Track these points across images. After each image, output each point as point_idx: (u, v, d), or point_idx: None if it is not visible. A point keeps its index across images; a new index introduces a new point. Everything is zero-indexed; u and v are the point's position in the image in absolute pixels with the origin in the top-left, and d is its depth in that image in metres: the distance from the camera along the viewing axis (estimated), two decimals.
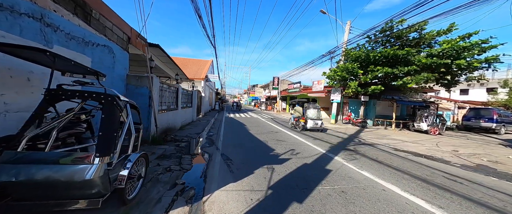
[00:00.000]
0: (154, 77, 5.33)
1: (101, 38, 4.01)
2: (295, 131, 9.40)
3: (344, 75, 11.86)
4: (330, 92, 14.90)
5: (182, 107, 9.24)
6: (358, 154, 5.45)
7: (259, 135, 7.83)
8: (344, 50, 12.83)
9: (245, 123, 12.33)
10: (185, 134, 7.40)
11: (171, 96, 7.44)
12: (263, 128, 10.03)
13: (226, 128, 9.49)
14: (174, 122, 7.61)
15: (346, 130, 11.09)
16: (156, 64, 8.01)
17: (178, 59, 22.78)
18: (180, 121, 8.54)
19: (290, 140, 7.15)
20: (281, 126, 11.16)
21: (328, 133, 9.34)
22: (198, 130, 8.51)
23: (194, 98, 11.72)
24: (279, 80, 27.76)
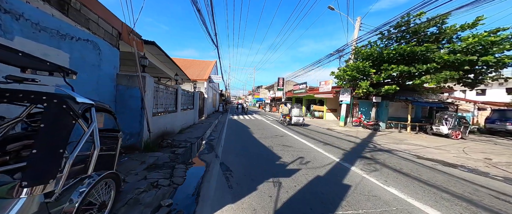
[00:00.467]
0: (148, 77, 4.82)
1: (83, 31, 3.53)
2: (301, 135, 8.73)
3: (355, 75, 11.09)
4: (339, 93, 14.11)
5: (182, 109, 8.75)
6: (378, 164, 4.74)
7: (264, 140, 7.20)
8: (354, 49, 12.06)
9: (249, 125, 11.74)
10: (184, 138, 6.88)
11: (170, 98, 6.95)
12: (267, 131, 9.41)
13: (229, 131, 8.92)
14: (172, 125, 7.11)
15: (357, 133, 10.30)
16: (154, 64, 7.57)
17: (181, 60, 22.54)
18: (179, 124, 8.05)
19: (297, 145, 6.49)
20: (287, 129, 10.49)
21: (339, 137, 8.60)
22: (198, 133, 7.98)
23: (196, 100, 11.24)
24: (284, 81, 27.07)
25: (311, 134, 9.09)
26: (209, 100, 19.10)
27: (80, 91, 3.61)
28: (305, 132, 9.85)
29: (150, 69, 8.75)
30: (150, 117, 4.93)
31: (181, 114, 8.36)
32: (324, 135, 9.21)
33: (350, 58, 12.64)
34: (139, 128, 4.66)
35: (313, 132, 9.85)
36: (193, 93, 11.06)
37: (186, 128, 9.06)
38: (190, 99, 10.54)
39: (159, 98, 5.88)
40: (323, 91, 16.10)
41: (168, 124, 6.66)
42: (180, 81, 12.13)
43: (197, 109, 11.50)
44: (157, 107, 5.75)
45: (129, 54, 5.46)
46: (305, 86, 20.53)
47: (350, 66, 11.21)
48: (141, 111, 4.66)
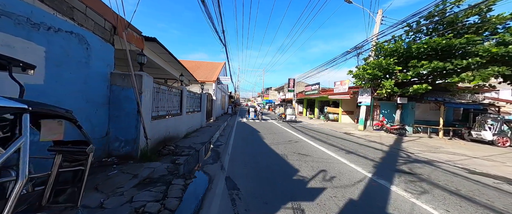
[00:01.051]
0: (145, 76, 4.26)
1: (66, 22, 3.00)
2: (317, 140, 7.79)
3: (376, 74, 9.96)
4: (357, 94, 12.94)
5: (188, 112, 8.21)
6: (423, 181, 3.76)
7: (276, 146, 6.40)
8: (375, 44, 10.92)
9: (259, 128, 10.98)
10: (189, 143, 6.28)
11: (174, 100, 6.40)
12: (279, 136, 8.58)
13: (237, 136, 8.22)
14: (177, 129, 6.55)
15: (380, 138, 9.15)
16: (158, 64, 7.11)
17: (188, 62, 22.41)
18: (185, 128, 7.49)
19: (316, 153, 5.61)
20: (301, 133, 9.59)
21: (361, 144, 7.56)
22: (204, 138, 7.36)
23: (204, 102, 10.72)
24: (295, 82, 26.06)
25: (328, 140, 8.14)
26: (218, 102, 18.64)
27: (61, 92, 3.08)
28: (322, 137, 8.90)
29: (154, 70, 8.34)
30: (147, 121, 4.35)
31: (187, 117, 7.81)
32: (343, 140, 8.20)
33: (370, 55, 11.49)
34: (135, 134, 4.09)
35: (330, 137, 8.87)
36: (200, 95, 10.54)
37: (192, 132, 8.50)
38: (197, 101, 10.02)
39: (160, 100, 5.32)
40: (338, 92, 14.97)
41: (172, 128, 6.10)
42: (187, 83, 11.71)
43: (205, 111, 10.97)
44: (158, 109, 5.19)
45: (132, 53, 4.94)
46: (317, 87, 19.43)
47: (371, 64, 10.09)
48: (137, 114, 4.08)
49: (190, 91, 8.55)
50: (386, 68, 9.69)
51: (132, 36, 4.81)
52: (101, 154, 3.87)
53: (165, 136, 5.62)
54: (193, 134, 8.04)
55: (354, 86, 13.71)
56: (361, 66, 10.84)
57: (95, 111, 3.68)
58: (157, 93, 5.08)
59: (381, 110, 12.61)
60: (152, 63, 7.09)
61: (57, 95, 2.91)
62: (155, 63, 6.92)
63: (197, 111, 9.91)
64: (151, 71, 8.67)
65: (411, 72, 8.94)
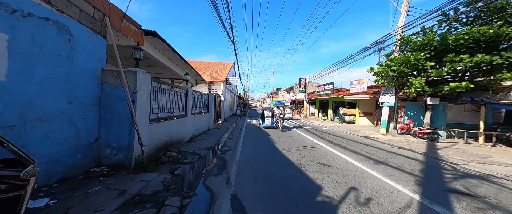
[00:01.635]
0: (141, 74, 3.70)
1: (39, 6, 2.48)
2: (336, 146, 6.88)
3: (403, 70, 8.81)
4: (377, 94, 11.76)
5: (194, 113, 7.67)
6: (494, 208, 2.80)
7: (290, 153, 5.62)
8: (400, 38, 9.75)
9: (270, 131, 10.22)
10: (193, 148, 5.69)
11: (177, 101, 5.86)
12: (293, 140, 7.77)
13: (246, 140, 7.53)
14: (180, 132, 6.00)
15: (409, 144, 8.01)
16: (162, 63, 6.63)
17: (198, 63, 22.20)
18: (190, 130, 6.94)
19: (339, 163, 4.76)
20: (317, 137, 8.69)
21: (389, 150, 6.54)
22: (211, 142, 6.75)
23: (211, 103, 10.18)
24: (306, 82, 24.97)
25: (349, 145, 7.19)
26: (227, 103, 18.15)
27: (34, 91, 2.35)
28: (340, 142, 7.95)
29: (159, 69, 7.92)
30: (143, 124, 3.79)
31: (192, 119, 7.27)
32: (366, 146, 7.21)
33: (394, 51, 10.31)
34: (129, 140, 3.53)
35: (350, 142, 7.90)
36: (208, 96, 10.01)
37: (199, 135, 7.95)
38: (204, 102, 9.50)
39: (161, 101, 4.77)
40: (355, 92, 13.80)
41: (175, 132, 5.55)
42: (194, 83, 11.27)
43: (212, 112, 10.42)
44: (158, 111, 4.64)
45: (128, 49, 4.44)
46: (331, 87, 18.27)
47: (397, 60, 8.96)
48: (131, 117, 3.53)
49: (197, 92, 8.02)
50: (414, 64, 8.52)
51: (129, 29, 4.30)
52: (89, 162, 3.35)
53: (167, 141, 5.06)
54: (199, 137, 7.48)
55: (373, 85, 12.51)
56: (384, 63, 9.72)
57: (81, 113, 3.15)
58: (157, 93, 4.53)
59: (406, 112, 11.31)
60: (156, 62, 6.63)
61: (27, 95, 2.39)
62: (159, 61, 6.44)
63: (204, 112, 9.38)
64: (155, 70, 8.27)
65: (447, 68, 7.72)
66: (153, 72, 8.89)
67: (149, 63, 7.17)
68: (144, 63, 7.26)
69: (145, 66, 7.63)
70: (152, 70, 8.43)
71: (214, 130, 9.76)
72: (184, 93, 6.43)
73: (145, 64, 7.40)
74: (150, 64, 7.44)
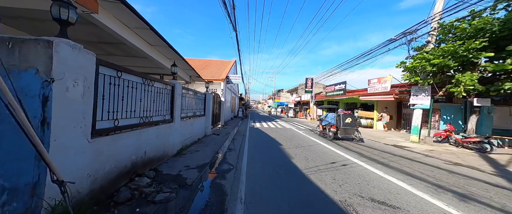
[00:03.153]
0: (66, 47, 1.99)
1: None
2: (372, 161, 5.11)
3: (447, 64, 7.07)
4: (404, 94, 9.99)
5: (185, 117, 5.96)
6: None
7: (319, 176, 3.87)
8: (439, 26, 8.03)
9: (278, 138, 8.47)
10: (178, 168, 3.96)
11: (157, 100, 4.16)
12: (313, 153, 6.00)
13: (252, 151, 5.79)
14: (161, 145, 4.28)
15: (456, 156, 6.25)
16: (143, 52, 4.91)
17: (197, 61, 20.53)
18: (178, 139, 5.23)
19: (404, 199, 2.99)
20: (341, 148, 6.91)
21: (443, 168, 4.75)
22: (205, 155, 5.01)
23: (209, 104, 8.48)
24: (313, 82, 23.25)
25: (389, 160, 5.42)
26: (227, 105, 16.44)
27: None
28: (374, 154, 6.19)
29: (140, 61, 6.21)
30: (73, 141, 2.07)
31: (183, 125, 5.55)
32: (411, 161, 5.44)
33: (428, 42, 8.57)
34: (33, 175, 1.80)
35: (386, 155, 6.13)
36: (205, 95, 8.32)
37: (191, 144, 6.22)
38: (200, 103, 7.79)
39: (123, 99, 3.05)
40: (375, 92, 12.02)
41: (151, 145, 3.82)
42: (187, 80, 9.56)
43: (210, 115, 8.71)
44: (117, 116, 2.92)
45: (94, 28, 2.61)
46: (343, 87, 16.52)
47: (438, 51, 7.22)
48: (42, 127, 1.81)
49: (189, 89, 6.31)
50: (463, 56, 6.78)
51: None
52: None
53: (136, 161, 3.33)
54: (192, 148, 5.74)
55: (398, 84, 10.75)
56: (418, 56, 7.97)
57: None
58: (114, 87, 2.82)
59: (441, 115, 9.52)
60: (135, 50, 4.91)
61: None
62: (137, 48, 4.72)
63: (200, 115, 7.66)
64: (137, 63, 6.56)
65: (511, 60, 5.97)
66: (136, 66, 7.20)
67: (125, 51, 5.47)
68: (118, 51, 5.57)
69: (122, 56, 5.94)
70: (134, 63, 6.74)
71: (212, 137, 8.03)
72: (169, 90, 4.72)
73: (120, 53, 5.70)
74: (128, 54, 5.75)
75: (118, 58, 6.20)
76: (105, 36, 4.49)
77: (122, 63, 6.63)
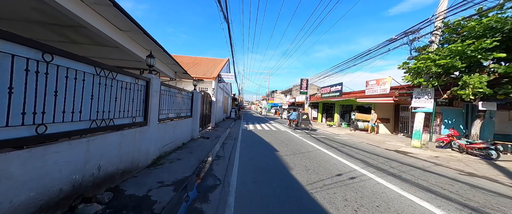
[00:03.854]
0: None
1: None
2: (383, 173, 4.43)
3: (454, 65, 6.61)
4: (404, 96, 9.57)
5: (165, 119, 5.04)
6: None
7: (325, 194, 3.10)
8: (444, 25, 7.61)
9: (273, 142, 7.69)
10: (148, 186, 3.06)
11: (122, 98, 3.24)
12: (313, 161, 5.25)
13: (244, 160, 4.95)
14: (126, 155, 3.36)
15: (465, 165, 5.75)
16: (113, 40, 3.95)
17: (187, 58, 19.42)
18: (155, 146, 4.31)
19: None
20: (342, 154, 6.23)
21: (456, 179, 4.15)
22: (188, 165, 4.11)
23: (197, 104, 7.56)
24: (308, 83, 22.77)
25: (399, 170, 4.77)
26: (219, 105, 15.50)
27: None
28: (380, 162, 5.54)
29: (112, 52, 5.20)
30: None
31: (162, 128, 4.63)
32: (418, 171, 4.82)
33: (432, 41, 8.14)
34: None
35: (393, 164, 5.50)
36: (192, 94, 7.39)
37: (173, 151, 5.30)
38: (186, 102, 6.87)
39: (50, 92, 2.14)
40: (373, 95, 11.56)
41: (110, 157, 2.90)
42: (172, 76, 8.58)
43: (198, 116, 7.79)
44: (42, 118, 2.00)
45: None
46: (339, 89, 16.06)
47: (446, 51, 6.76)
48: None
49: (172, 86, 5.39)
50: (471, 57, 6.33)
51: None
52: None
53: (81, 182, 2.41)
54: (172, 156, 4.82)
55: (398, 86, 10.33)
56: (423, 56, 7.48)
57: None
58: (36, 75, 1.90)
59: (443, 119, 9.13)
60: (103, 38, 3.92)
61: None
62: (102, 33, 3.74)
63: (186, 116, 6.74)
64: (106, 53, 5.51)
65: None
66: (110, 59, 6.18)
67: (92, 38, 4.47)
68: (82, 38, 4.55)
69: (88, 45, 4.92)
70: (106, 55, 5.71)
71: (200, 141, 7.11)
72: (141, 86, 3.81)
73: (86, 41, 4.69)
74: (95, 42, 4.74)
75: (84, 48, 5.16)
76: (58, 15, 3.51)
77: (90, 53, 5.61)
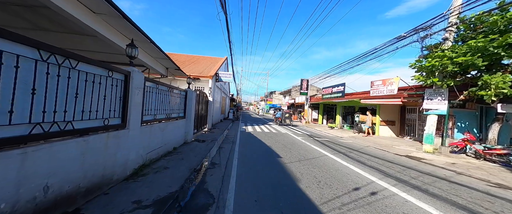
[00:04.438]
0: None
1: None
2: (405, 185, 3.78)
3: (474, 63, 6.02)
4: (413, 97, 8.99)
5: (152, 120, 4.31)
6: None
7: None
8: (459, 20, 7.05)
9: (274, 146, 7.00)
10: (124, 205, 2.35)
11: (85, 95, 2.53)
12: (322, 170, 4.57)
13: (242, 168, 4.25)
14: (93, 168, 2.65)
15: (488, 173, 5.13)
16: (92, 29, 3.23)
17: (183, 56, 18.66)
18: (137, 154, 3.59)
19: None
20: (353, 161, 5.57)
21: (491, 193, 3.51)
22: (176, 176, 3.39)
23: (190, 103, 6.84)
24: (309, 83, 22.19)
25: (415, 180, 4.12)
26: (216, 105, 14.76)
27: None
28: (396, 171, 4.89)
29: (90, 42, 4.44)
30: None
31: (147, 131, 3.92)
32: (444, 183, 4.18)
33: (446, 39, 7.57)
34: None
35: (411, 173, 4.85)
36: (185, 93, 6.68)
37: (161, 157, 4.57)
38: (178, 101, 6.15)
39: None
40: (379, 96, 10.97)
41: (60, 175, 2.19)
42: (163, 73, 7.83)
43: (193, 117, 7.07)
44: None
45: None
46: (342, 89, 15.47)
47: (465, 48, 6.17)
48: None
49: (160, 83, 4.67)
50: (494, 54, 5.76)
51: None
52: None
53: (12, 212, 1.68)
54: (159, 164, 4.09)
55: (406, 86, 9.75)
56: (438, 54, 6.89)
57: None
58: None
59: (455, 122, 8.55)
60: (75, 23, 3.20)
61: None
62: (70, 15, 3.03)
63: (178, 117, 6.02)
64: (85, 45, 4.73)
65: None
66: (89, 51, 5.43)
67: (63, 25, 3.72)
68: (51, 24, 3.80)
69: (61, 32, 4.17)
70: (83, 46, 4.95)
71: (194, 145, 6.39)
72: (119, 81, 3.10)
73: (56, 28, 3.93)
74: (68, 29, 3.99)
75: (53, 36, 4.39)
76: None
77: (64, 44, 4.84)
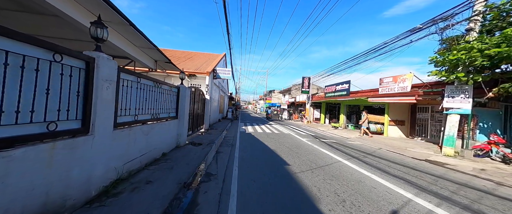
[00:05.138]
0: None
1: None
2: (457, 205, 2.98)
3: (509, 55, 5.25)
4: (430, 95, 8.21)
5: (132, 122, 3.45)
6: None
7: None
8: (489, 7, 6.26)
9: (279, 150, 6.17)
10: None
11: (12, 87, 1.66)
12: (338, 181, 3.76)
13: (244, 180, 3.42)
14: (29, 194, 1.79)
15: None
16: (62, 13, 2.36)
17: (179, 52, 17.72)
18: (107, 167, 2.74)
19: None
20: (370, 168, 4.77)
21: None
22: (159, 194, 2.54)
23: (184, 102, 5.99)
24: (310, 81, 21.40)
25: (454, 194, 3.33)
26: (214, 104, 13.90)
27: None
28: (426, 182, 4.10)
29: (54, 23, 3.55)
30: None
31: (121, 137, 3.07)
32: (492, 199, 3.40)
33: (470, 29, 6.78)
34: None
35: (445, 183, 4.06)
36: (178, 90, 5.82)
37: (145, 167, 3.72)
38: (169, 99, 5.28)
39: None
40: (390, 93, 10.19)
41: None
42: (152, 66, 6.93)
43: (186, 117, 6.22)
44: None
45: None
46: (346, 87, 14.69)
47: (500, 38, 5.39)
48: None
49: (142, 76, 3.79)
50: None
51: None
52: None
53: None
54: (140, 177, 3.24)
55: (420, 84, 8.97)
56: (465, 46, 6.10)
57: None
58: None
59: (477, 122, 7.79)
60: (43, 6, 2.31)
61: None
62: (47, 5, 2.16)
63: (168, 117, 5.15)
64: (51, 29, 3.83)
65: None
66: (58, 39, 4.54)
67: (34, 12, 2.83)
68: None
69: (13, 11, 3.27)
70: (40, 30, 4.05)
71: (188, 149, 5.54)
72: (76, 69, 2.24)
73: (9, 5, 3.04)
74: (23, 7, 3.10)
75: (5, 15, 3.50)
76: None
77: (20, 27, 3.93)
